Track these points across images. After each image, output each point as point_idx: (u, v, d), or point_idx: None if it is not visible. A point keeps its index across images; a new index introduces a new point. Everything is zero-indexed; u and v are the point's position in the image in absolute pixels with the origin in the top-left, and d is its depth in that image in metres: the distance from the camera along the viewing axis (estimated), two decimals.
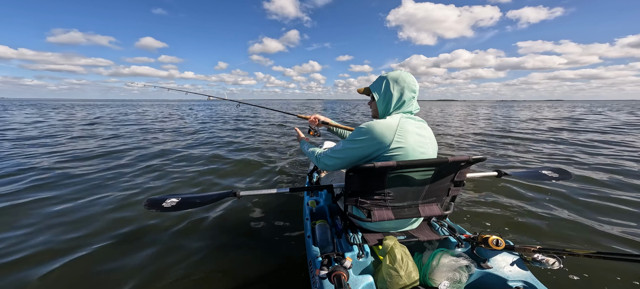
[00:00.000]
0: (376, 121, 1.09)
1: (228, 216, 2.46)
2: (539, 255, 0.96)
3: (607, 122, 11.75)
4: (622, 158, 4.56)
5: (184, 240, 2.09)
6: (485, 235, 1.09)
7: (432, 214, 1.15)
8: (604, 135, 7.43)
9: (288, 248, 1.95)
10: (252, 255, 1.88)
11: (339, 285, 0.85)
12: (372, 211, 1.11)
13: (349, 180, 1.06)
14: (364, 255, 1.09)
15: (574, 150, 5.46)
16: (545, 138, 7.13)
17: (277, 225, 2.29)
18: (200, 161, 4.53)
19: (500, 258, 1.05)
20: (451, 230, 1.27)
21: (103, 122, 11.27)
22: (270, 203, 2.71)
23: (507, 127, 9.88)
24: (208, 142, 6.66)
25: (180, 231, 2.22)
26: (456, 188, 1.17)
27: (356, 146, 1.09)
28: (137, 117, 14.47)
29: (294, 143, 6.44)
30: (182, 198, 1.35)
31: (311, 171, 2.30)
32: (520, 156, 5.03)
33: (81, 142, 6.33)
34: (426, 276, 1.01)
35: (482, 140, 7.18)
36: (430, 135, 1.17)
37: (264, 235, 2.16)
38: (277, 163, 4.50)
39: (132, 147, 5.71)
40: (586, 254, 0.87)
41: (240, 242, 2.07)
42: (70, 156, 4.80)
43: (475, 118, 15.35)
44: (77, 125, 9.90)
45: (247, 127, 10.01)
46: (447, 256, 1.01)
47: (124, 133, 8.06)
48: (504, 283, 0.99)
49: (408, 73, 1.17)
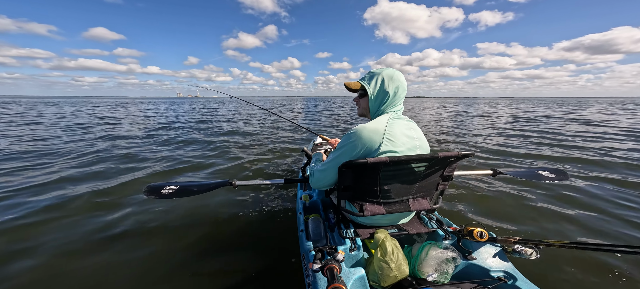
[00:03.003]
0: (362, 126, 1.08)
1: (222, 210, 2.45)
2: (519, 246, 1.02)
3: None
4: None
5: (177, 232, 2.08)
6: (470, 228, 1.14)
7: (422, 208, 1.19)
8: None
9: (281, 241, 1.97)
10: (246, 249, 1.90)
11: (331, 278, 0.86)
12: (364, 206, 1.14)
13: (342, 175, 1.07)
14: (356, 249, 1.12)
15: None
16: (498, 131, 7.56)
17: (270, 219, 2.30)
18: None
19: (484, 249, 1.11)
20: (439, 222, 1.32)
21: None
22: (264, 196, 2.72)
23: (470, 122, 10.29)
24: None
25: (173, 223, 2.21)
26: (445, 182, 1.21)
27: (343, 155, 1.09)
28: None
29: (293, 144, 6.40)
30: (180, 186, 1.37)
31: (304, 165, 2.31)
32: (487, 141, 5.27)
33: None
34: (415, 268, 1.05)
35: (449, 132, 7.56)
36: (420, 136, 1.17)
37: (258, 228, 2.17)
38: (271, 156, 4.49)
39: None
40: (561, 245, 0.93)
41: (233, 236, 2.07)
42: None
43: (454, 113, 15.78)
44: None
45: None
46: (435, 249, 1.05)
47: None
48: (487, 273, 1.05)
49: (399, 71, 1.17)
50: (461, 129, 8.68)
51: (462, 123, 10.45)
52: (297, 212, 1.68)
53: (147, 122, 10.55)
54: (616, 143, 5.75)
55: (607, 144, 5.60)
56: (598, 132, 7.48)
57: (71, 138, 6.45)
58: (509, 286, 0.99)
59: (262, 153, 4.94)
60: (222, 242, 1.99)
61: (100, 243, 1.98)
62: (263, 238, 2.03)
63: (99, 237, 2.04)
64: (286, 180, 1.54)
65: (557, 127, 8.56)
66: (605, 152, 4.83)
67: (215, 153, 4.90)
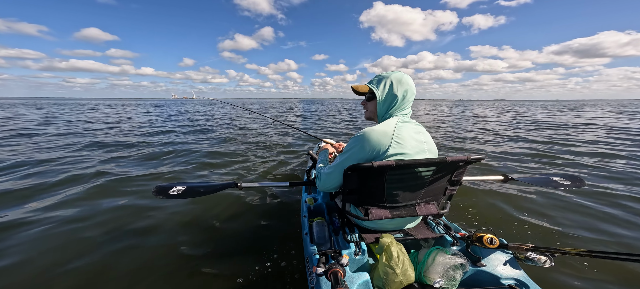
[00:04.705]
0: (371, 128, 1.07)
1: (226, 211, 2.47)
2: (532, 254, 0.98)
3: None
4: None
5: (181, 234, 2.10)
6: (479, 234, 1.10)
7: (429, 213, 1.16)
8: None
9: (285, 244, 1.96)
10: (250, 251, 1.89)
11: (335, 282, 0.85)
12: (370, 210, 1.12)
13: (348, 178, 1.06)
14: (360, 253, 1.10)
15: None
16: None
17: (274, 222, 2.29)
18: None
19: (494, 256, 1.07)
20: (447, 228, 1.28)
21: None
22: (269, 199, 2.72)
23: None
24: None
25: (177, 225, 2.23)
26: (453, 187, 1.18)
27: (351, 158, 1.07)
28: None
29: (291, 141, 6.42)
30: (188, 186, 1.40)
31: (309, 168, 2.31)
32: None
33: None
34: (422, 274, 1.02)
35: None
36: (428, 139, 1.15)
37: (262, 230, 2.16)
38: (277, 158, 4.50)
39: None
40: (577, 253, 0.89)
41: (237, 237, 2.08)
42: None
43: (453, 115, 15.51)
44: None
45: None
46: (443, 255, 1.02)
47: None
48: (497, 280, 1.01)
49: (408, 75, 1.15)
50: (463, 133, 8.50)
51: (463, 126, 10.27)
52: (302, 215, 1.67)
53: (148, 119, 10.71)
54: (629, 148, 5.51)
55: (622, 149, 5.38)
56: (610, 136, 7.21)
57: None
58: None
59: (267, 155, 4.96)
60: (226, 243, 2.00)
61: (99, 243, 2.01)
62: (267, 240, 2.02)
63: (100, 238, 2.08)
64: (291, 183, 1.53)
65: (567, 132, 8.30)
66: (620, 157, 4.64)
67: (215, 161, 4.95)
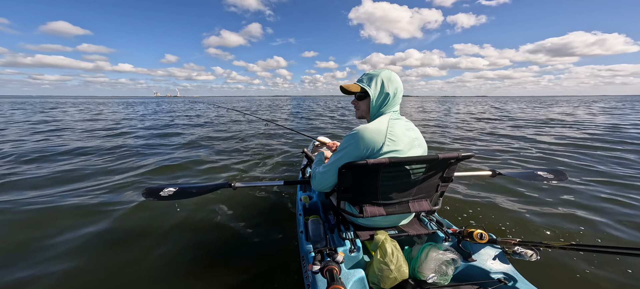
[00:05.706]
0: (364, 127, 1.08)
1: (221, 211, 2.45)
2: (519, 248, 1.02)
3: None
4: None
5: (175, 234, 2.07)
6: (470, 229, 1.14)
7: (421, 210, 1.19)
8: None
9: (281, 243, 1.96)
10: (245, 250, 1.89)
11: (331, 280, 0.86)
12: (364, 207, 1.14)
13: (342, 176, 1.07)
14: (355, 250, 1.11)
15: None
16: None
17: (270, 221, 2.29)
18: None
19: (484, 251, 1.11)
20: (439, 224, 1.32)
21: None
22: (264, 198, 2.71)
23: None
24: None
25: (172, 225, 2.20)
26: (444, 184, 1.21)
27: (346, 156, 1.09)
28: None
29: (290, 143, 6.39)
30: (179, 187, 1.37)
31: (304, 166, 2.31)
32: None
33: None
34: (415, 270, 1.05)
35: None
36: (418, 136, 1.17)
37: (257, 230, 2.16)
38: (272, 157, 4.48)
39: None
40: (561, 246, 0.93)
41: (232, 237, 2.07)
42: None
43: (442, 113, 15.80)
44: None
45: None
46: (435, 250, 1.05)
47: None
48: (487, 275, 1.05)
49: (394, 73, 1.17)
50: (451, 130, 8.65)
51: (450, 123, 10.43)
52: (297, 213, 1.67)
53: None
54: (611, 143, 5.75)
55: (602, 144, 5.59)
56: (590, 129, 7.50)
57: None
58: (509, 287, 0.99)
59: (261, 154, 4.93)
60: (221, 243, 1.99)
61: (94, 245, 1.97)
62: (262, 239, 2.02)
63: (94, 241, 2.04)
64: (286, 181, 1.54)
65: (552, 127, 8.57)
66: (601, 150, 4.83)
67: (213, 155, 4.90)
